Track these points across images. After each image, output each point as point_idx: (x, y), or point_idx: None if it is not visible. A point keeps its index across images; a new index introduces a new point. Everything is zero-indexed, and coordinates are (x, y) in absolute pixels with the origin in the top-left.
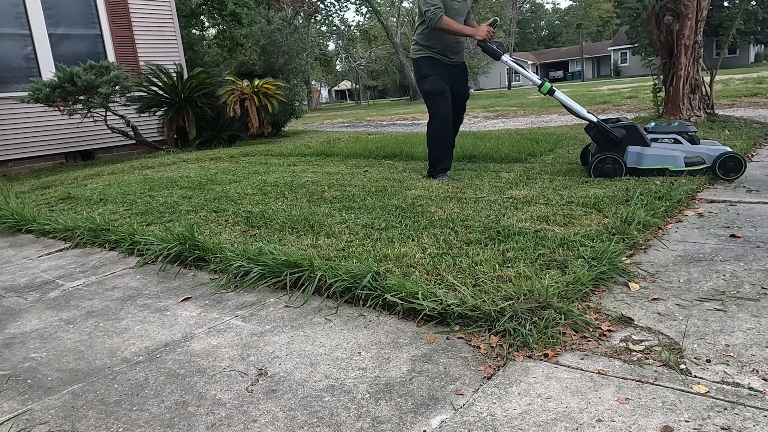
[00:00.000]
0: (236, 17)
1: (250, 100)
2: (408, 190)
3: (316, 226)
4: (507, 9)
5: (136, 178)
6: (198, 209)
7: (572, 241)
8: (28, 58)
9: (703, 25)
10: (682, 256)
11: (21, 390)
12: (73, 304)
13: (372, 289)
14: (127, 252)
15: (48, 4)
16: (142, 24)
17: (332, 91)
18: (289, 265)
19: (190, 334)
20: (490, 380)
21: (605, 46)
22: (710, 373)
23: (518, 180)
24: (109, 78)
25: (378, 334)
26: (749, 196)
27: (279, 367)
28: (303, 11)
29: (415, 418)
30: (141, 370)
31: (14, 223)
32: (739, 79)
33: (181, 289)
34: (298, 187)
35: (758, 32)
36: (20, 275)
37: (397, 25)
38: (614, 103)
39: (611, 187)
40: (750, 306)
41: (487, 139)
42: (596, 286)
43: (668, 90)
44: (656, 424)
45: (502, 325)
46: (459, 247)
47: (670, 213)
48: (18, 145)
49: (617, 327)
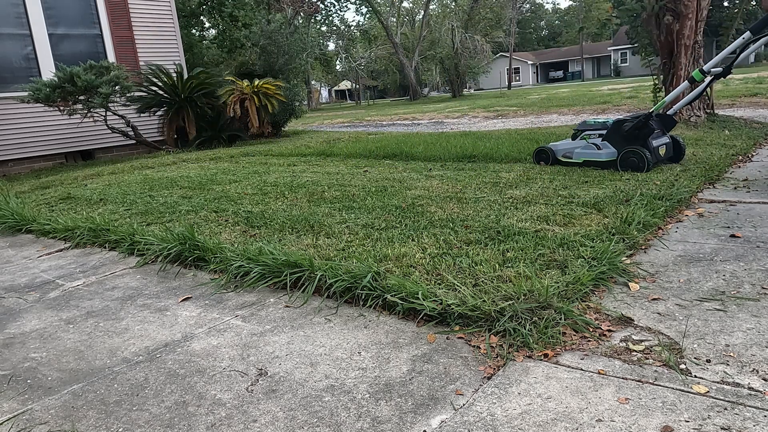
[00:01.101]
0: (234, 19)
1: (250, 100)
2: (408, 190)
3: (316, 226)
4: (507, 9)
5: (136, 178)
6: (198, 209)
7: (572, 241)
8: (28, 58)
9: (703, 25)
10: (682, 256)
11: (21, 390)
12: (73, 304)
13: (372, 289)
14: (127, 252)
15: (48, 4)
16: (142, 24)
17: (332, 91)
18: (289, 265)
19: (190, 334)
20: (490, 380)
21: (605, 46)
22: (710, 373)
23: (518, 180)
24: (109, 78)
25: (378, 334)
26: (749, 196)
27: (279, 367)
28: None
29: (415, 418)
30: (141, 370)
31: (14, 223)
32: (739, 79)
33: (181, 289)
34: (298, 187)
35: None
36: (20, 275)
37: (397, 25)
38: (614, 103)
39: (611, 187)
40: (750, 306)
41: (487, 139)
42: (596, 286)
43: (668, 90)
44: (656, 424)
45: (502, 325)
46: (459, 247)
47: (670, 213)
48: (18, 145)
49: (617, 327)
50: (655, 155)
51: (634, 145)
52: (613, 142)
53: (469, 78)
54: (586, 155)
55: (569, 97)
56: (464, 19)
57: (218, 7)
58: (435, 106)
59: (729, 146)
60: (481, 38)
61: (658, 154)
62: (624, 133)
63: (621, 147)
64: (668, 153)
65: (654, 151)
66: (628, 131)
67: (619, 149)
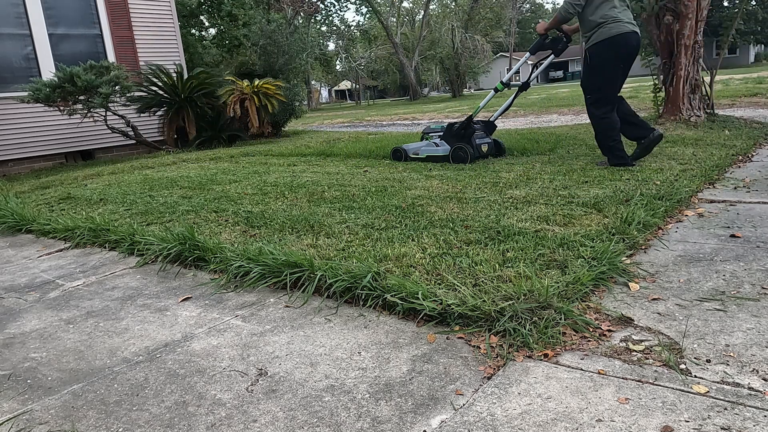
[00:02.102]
0: (234, 18)
1: (250, 100)
2: (408, 190)
3: (316, 226)
4: (507, 9)
5: (136, 178)
6: (198, 209)
7: (572, 241)
8: (28, 58)
9: (703, 25)
10: (682, 256)
11: (21, 390)
12: (73, 304)
13: (372, 289)
14: (127, 252)
15: (48, 4)
16: (142, 24)
17: (332, 91)
18: (289, 265)
19: (190, 334)
20: (490, 380)
21: None
22: (710, 373)
23: (518, 180)
24: (109, 78)
25: (378, 334)
26: (749, 196)
27: (279, 367)
28: (303, 11)
29: (415, 418)
30: (141, 370)
31: (14, 223)
32: (739, 79)
33: (181, 289)
34: (298, 187)
35: (758, 32)
36: (20, 275)
37: (397, 25)
38: None
39: (611, 187)
40: (750, 306)
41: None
42: (596, 286)
43: (668, 90)
44: (656, 424)
45: (502, 325)
46: (459, 247)
47: (670, 213)
48: (18, 145)
49: (617, 327)
50: (478, 151)
51: (462, 143)
52: (447, 140)
53: (469, 78)
54: (429, 152)
55: (569, 97)
56: (464, 19)
57: (218, 6)
58: (435, 106)
59: (729, 146)
60: (481, 38)
61: (481, 151)
62: (454, 133)
63: (452, 144)
64: (491, 150)
65: (477, 148)
66: (456, 132)
67: (451, 146)
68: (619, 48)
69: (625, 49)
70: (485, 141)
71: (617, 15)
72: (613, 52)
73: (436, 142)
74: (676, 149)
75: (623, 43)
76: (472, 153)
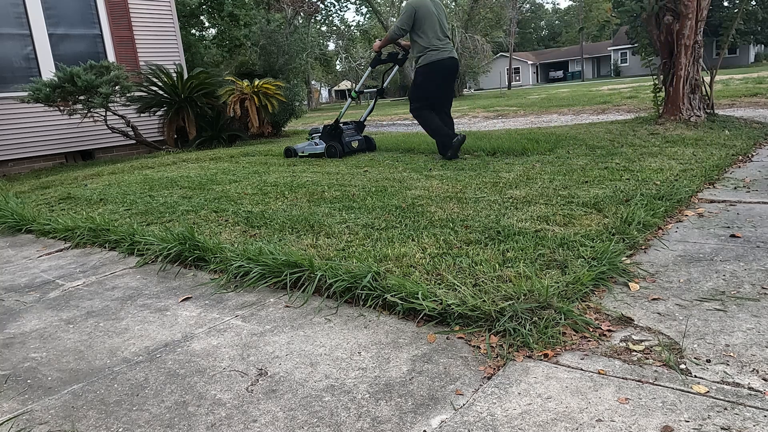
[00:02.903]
0: (234, 18)
1: (250, 100)
2: (408, 190)
3: (316, 226)
4: (507, 9)
5: (136, 178)
6: (198, 209)
7: (572, 241)
8: (28, 58)
9: (703, 25)
10: (682, 256)
11: (21, 390)
12: (73, 304)
13: (372, 289)
14: (127, 252)
15: (48, 4)
16: (142, 24)
17: (332, 91)
18: (289, 265)
19: (190, 334)
20: (490, 380)
21: (605, 46)
22: (710, 373)
23: (518, 180)
24: (109, 78)
25: (378, 334)
26: (749, 196)
27: (279, 367)
28: (303, 11)
29: (415, 418)
30: (141, 370)
31: (14, 223)
32: (739, 79)
33: (181, 289)
34: (298, 187)
35: (758, 32)
36: (20, 275)
37: None
38: (614, 103)
39: (611, 187)
40: (750, 306)
41: (487, 139)
42: (596, 286)
43: (668, 90)
44: (656, 424)
45: (502, 325)
46: (459, 247)
47: (670, 213)
48: (18, 145)
49: (617, 327)
50: (348, 147)
51: (333, 142)
52: (324, 140)
53: (469, 78)
54: (311, 150)
55: (569, 97)
56: (464, 19)
57: (218, 6)
58: None
59: (729, 146)
60: (481, 38)
61: (351, 147)
62: (327, 133)
63: (327, 142)
64: (361, 146)
65: (346, 144)
66: (329, 132)
67: (326, 144)
68: (438, 70)
69: (444, 70)
70: (356, 138)
71: (438, 45)
72: (434, 73)
73: (316, 141)
74: (676, 149)
75: (441, 68)
76: (341, 149)
